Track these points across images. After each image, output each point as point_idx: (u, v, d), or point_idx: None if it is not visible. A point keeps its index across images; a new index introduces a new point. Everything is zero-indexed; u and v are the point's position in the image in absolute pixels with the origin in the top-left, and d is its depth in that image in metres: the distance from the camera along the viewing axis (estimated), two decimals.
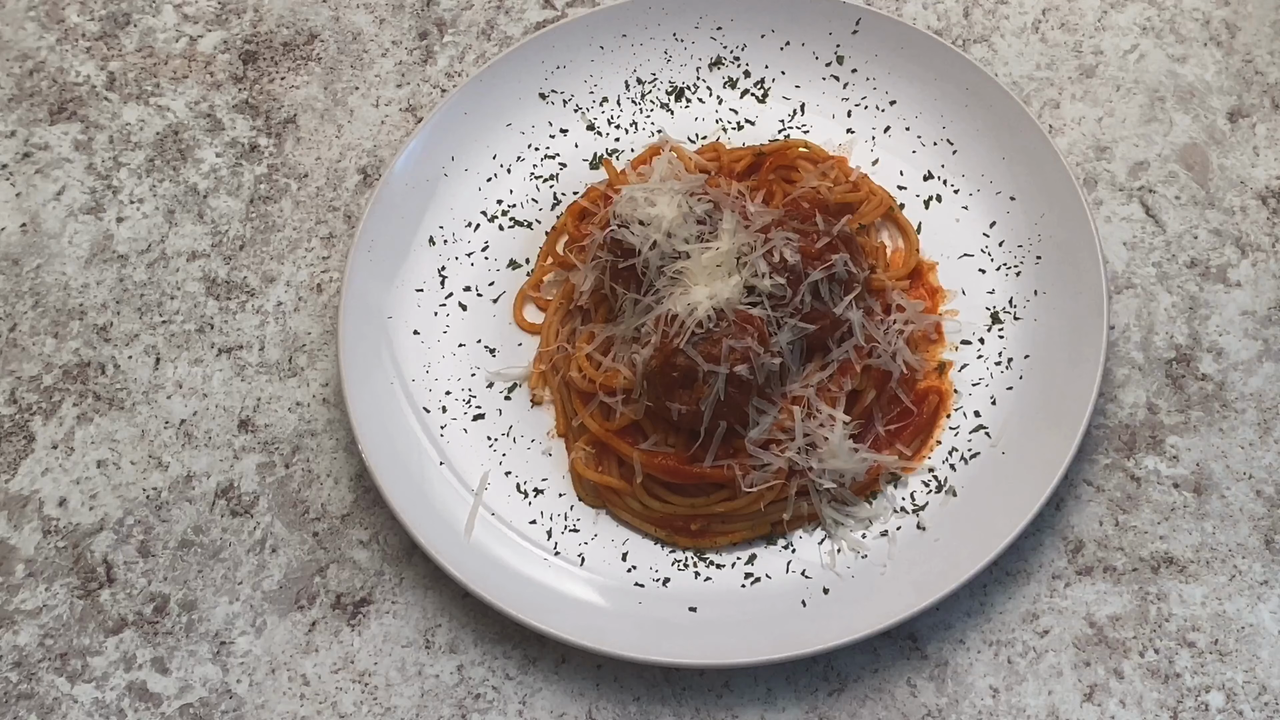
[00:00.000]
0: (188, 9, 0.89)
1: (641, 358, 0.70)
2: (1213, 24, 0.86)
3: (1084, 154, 0.82)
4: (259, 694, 0.70)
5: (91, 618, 0.72)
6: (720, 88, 0.82)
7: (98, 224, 0.82)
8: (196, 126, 0.85)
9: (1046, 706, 0.68)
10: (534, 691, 0.70)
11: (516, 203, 0.80)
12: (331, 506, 0.74)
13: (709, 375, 0.68)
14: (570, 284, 0.76)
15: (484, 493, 0.72)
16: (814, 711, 0.69)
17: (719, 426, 0.70)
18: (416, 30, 0.88)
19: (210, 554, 0.73)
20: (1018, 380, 0.73)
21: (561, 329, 0.76)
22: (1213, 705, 0.68)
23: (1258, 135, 0.82)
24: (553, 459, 0.74)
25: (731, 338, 0.68)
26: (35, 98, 0.86)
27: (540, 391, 0.76)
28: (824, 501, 0.71)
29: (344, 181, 0.83)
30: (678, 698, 0.69)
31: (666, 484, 0.72)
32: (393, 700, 0.70)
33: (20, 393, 0.78)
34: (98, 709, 0.70)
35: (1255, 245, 0.79)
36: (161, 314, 0.79)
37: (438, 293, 0.77)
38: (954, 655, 0.70)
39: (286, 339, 0.79)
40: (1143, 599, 0.70)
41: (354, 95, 0.86)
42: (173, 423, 0.77)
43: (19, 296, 0.80)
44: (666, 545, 0.72)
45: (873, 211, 0.78)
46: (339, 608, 0.72)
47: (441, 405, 0.75)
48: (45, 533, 0.74)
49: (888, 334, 0.73)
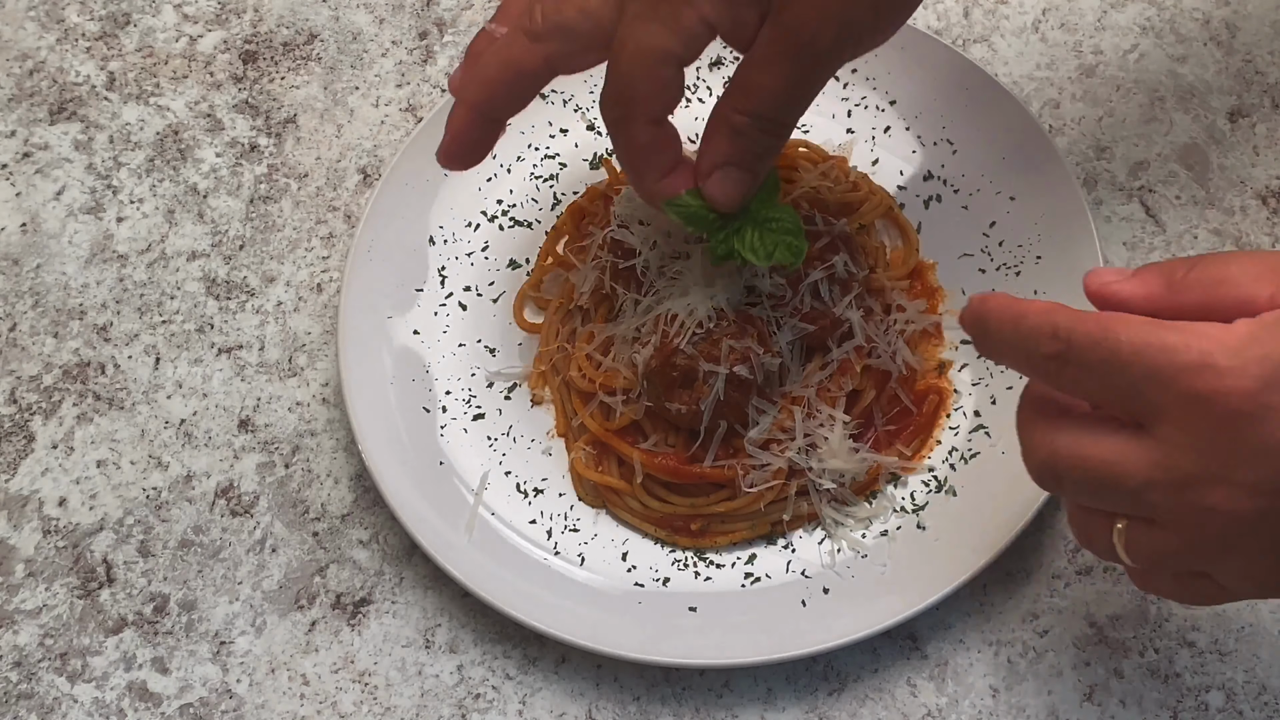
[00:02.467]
0: (188, 9, 0.89)
1: (641, 358, 0.70)
2: (1213, 24, 0.86)
3: (1084, 154, 0.82)
4: (259, 694, 0.70)
5: (91, 618, 0.72)
6: (720, 88, 0.82)
7: (98, 224, 0.82)
8: (196, 126, 0.85)
9: (1046, 706, 0.68)
10: (534, 691, 0.70)
11: (516, 203, 0.80)
12: (331, 506, 0.74)
13: (709, 375, 0.68)
14: (570, 284, 0.76)
15: (484, 493, 0.72)
16: (814, 711, 0.69)
17: (719, 426, 0.70)
18: (416, 30, 0.88)
19: (210, 554, 0.73)
20: (1018, 380, 0.73)
21: (561, 329, 0.76)
22: (1212, 705, 0.68)
23: (1258, 135, 0.82)
24: (553, 459, 0.74)
25: (731, 338, 0.68)
26: (35, 98, 0.86)
27: (540, 391, 0.76)
28: (824, 501, 0.71)
29: (344, 181, 0.83)
30: (678, 698, 0.69)
31: (666, 484, 0.72)
32: (393, 700, 0.70)
33: (20, 393, 0.78)
34: (98, 709, 0.70)
35: (1255, 245, 0.79)
36: (161, 314, 0.80)
37: (438, 293, 0.78)
38: (954, 655, 0.70)
39: (286, 339, 0.79)
40: (1143, 599, 0.70)
41: (354, 95, 0.86)
42: (173, 423, 0.77)
43: (19, 296, 0.80)
44: (666, 545, 0.72)
45: (873, 211, 0.78)
46: (339, 608, 0.72)
47: (441, 405, 0.75)
48: (45, 533, 0.74)
49: (887, 334, 0.73)
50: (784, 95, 0.62)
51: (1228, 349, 0.50)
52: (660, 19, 0.60)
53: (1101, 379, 0.52)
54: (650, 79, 0.62)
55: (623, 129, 0.63)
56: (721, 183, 0.64)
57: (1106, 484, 0.54)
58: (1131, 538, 0.55)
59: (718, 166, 0.64)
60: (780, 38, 0.61)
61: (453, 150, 0.67)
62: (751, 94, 0.62)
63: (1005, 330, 0.55)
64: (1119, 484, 0.53)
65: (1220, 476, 0.51)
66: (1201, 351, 0.50)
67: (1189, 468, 0.51)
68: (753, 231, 0.65)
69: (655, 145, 0.64)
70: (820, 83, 0.63)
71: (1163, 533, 0.54)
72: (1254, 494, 0.51)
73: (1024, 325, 0.54)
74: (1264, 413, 0.50)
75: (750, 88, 0.62)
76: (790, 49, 0.61)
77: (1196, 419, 0.51)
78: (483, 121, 0.66)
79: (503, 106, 0.66)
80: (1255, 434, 0.50)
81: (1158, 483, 0.52)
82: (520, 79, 0.65)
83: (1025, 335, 0.54)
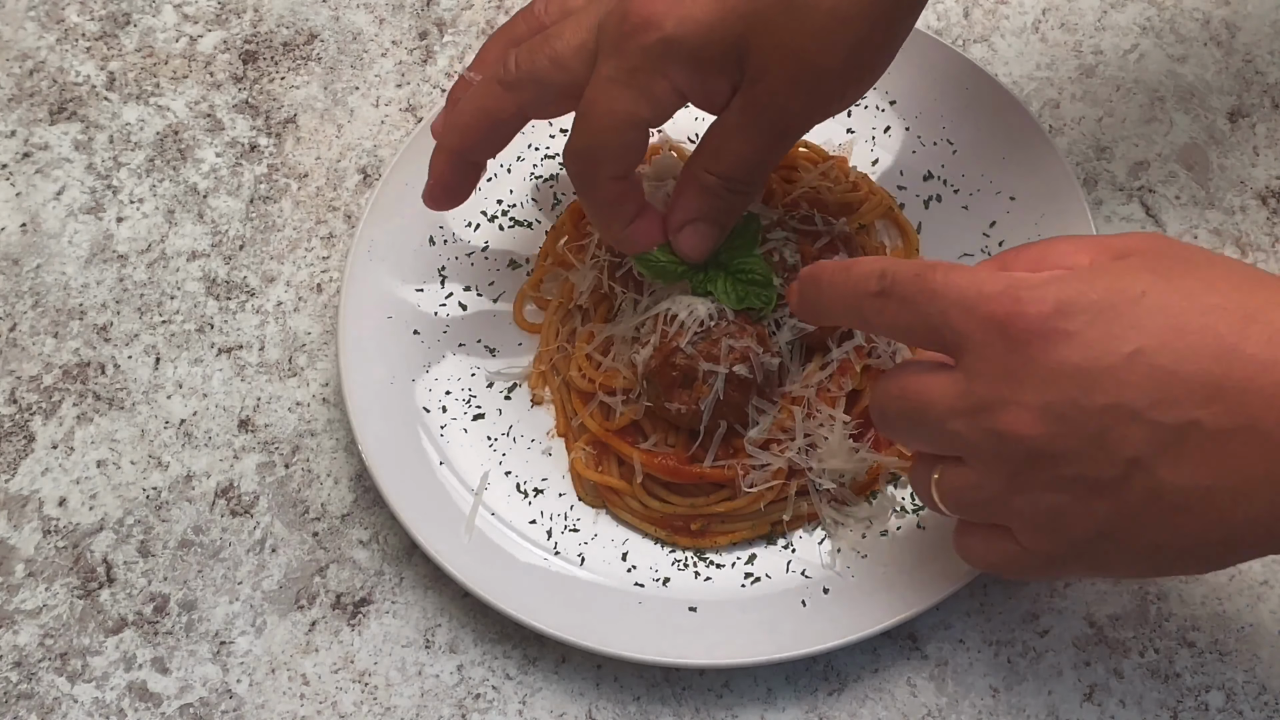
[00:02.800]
0: (188, 9, 0.89)
1: (641, 358, 0.70)
2: (1213, 24, 0.86)
3: (1084, 154, 0.82)
4: (259, 694, 0.70)
5: (91, 618, 0.72)
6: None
7: (98, 224, 0.82)
8: (196, 126, 0.85)
9: (1046, 706, 0.68)
10: (534, 691, 0.70)
11: (516, 203, 0.80)
12: (331, 506, 0.74)
13: (709, 375, 0.68)
14: (570, 283, 0.76)
15: (484, 493, 0.72)
16: (814, 711, 0.69)
17: (719, 426, 0.70)
18: (416, 30, 0.88)
19: (210, 554, 0.73)
20: None
21: (561, 329, 0.76)
22: (1212, 705, 0.68)
23: (1258, 135, 0.82)
24: (553, 459, 0.74)
25: (731, 337, 0.68)
26: (35, 98, 0.86)
27: (540, 391, 0.76)
28: (824, 501, 0.71)
29: (344, 181, 0.83)
30: (678, 698, 0.69)
31: (666, 484, 0.72)
32: (393, 700, 0.70)
33: (20, 393, 0.78)
34: (98, 709, 0.70)
35: (1255, 245, 0.79)
36: (161, 314, 0.80)
37: (438, 293, 0.78)
38: (954, 655, 0.70)
39: (286, 339, 0.79)
40: (1143, 599, 0.70)
41: (354, 95, 0.86)
42: (173, 423, 0.77)
43: (19, 296, 0.80)
44: (666, 545, 0.72)
45: (873, 211, 0.78)
46: (339, 608, 0.72)
47: (441, 405, 0.75)
48: (45, 533, 0.74)
49: None
50: (754, 161, 0.66)
51: (1030, 284, 0.54)
52: (632, 85, 0.63)
53: (915, 310, 0.56)
54: (617, 142, 0.65)
55: (587, 183, 0.66)
56: (691, 237, 0.68)
57: (916, 415, 0.57)
58: (943, 479, 0.58)
59: (688, 222, 0.67)
60: (751, 108, 0.64)
61: (436, 193, 0.72)
62: (723, 158, 0.65)
63: (837, 280, 0.60)
64: (926, 413, 0.56)
65: (1010, 399, 0.53)
66: (1006, 282, 0.54)
67: (984, 393, 0.54)
68: (725, 279, 0.69)
69: (619, 198, 0.67)
70: (788, 147, 0.68)
71: (966, 470, 0.57)
72: (1041, 416, 0.53)
73: (854, 271, 0.59)
74: (1056, 336, 0.52)
75: (722, 152, 0.65)
76: (762, 120, 0.64)
77: (993, 342, 0.54)
78: (462, 165, 0.70)
79: (479, 151, 0.70)
80: (1046, 356, 0.53)
81: (959, 411, 0.55)
82: (494, 127, 0.68)
83: (855, 279, 0.59)
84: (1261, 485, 0.52)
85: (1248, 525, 0.53)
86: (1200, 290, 0.53)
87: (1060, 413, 0.53)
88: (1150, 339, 0.52)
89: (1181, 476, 0.52)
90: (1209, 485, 0.52)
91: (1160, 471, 0.52)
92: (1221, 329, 0.52)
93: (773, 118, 0.64)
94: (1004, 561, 0.59)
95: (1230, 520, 0.53)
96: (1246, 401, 0.51)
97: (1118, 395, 0.52)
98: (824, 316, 0.63)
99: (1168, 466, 0.52)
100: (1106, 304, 0.52)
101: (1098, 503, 0.54)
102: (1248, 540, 0.54)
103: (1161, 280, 0.53)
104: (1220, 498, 0.52)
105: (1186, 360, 0.52)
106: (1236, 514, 0.53)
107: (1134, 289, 0.53)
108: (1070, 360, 0.52)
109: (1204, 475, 0.52)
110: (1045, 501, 0.55)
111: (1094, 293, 0.53)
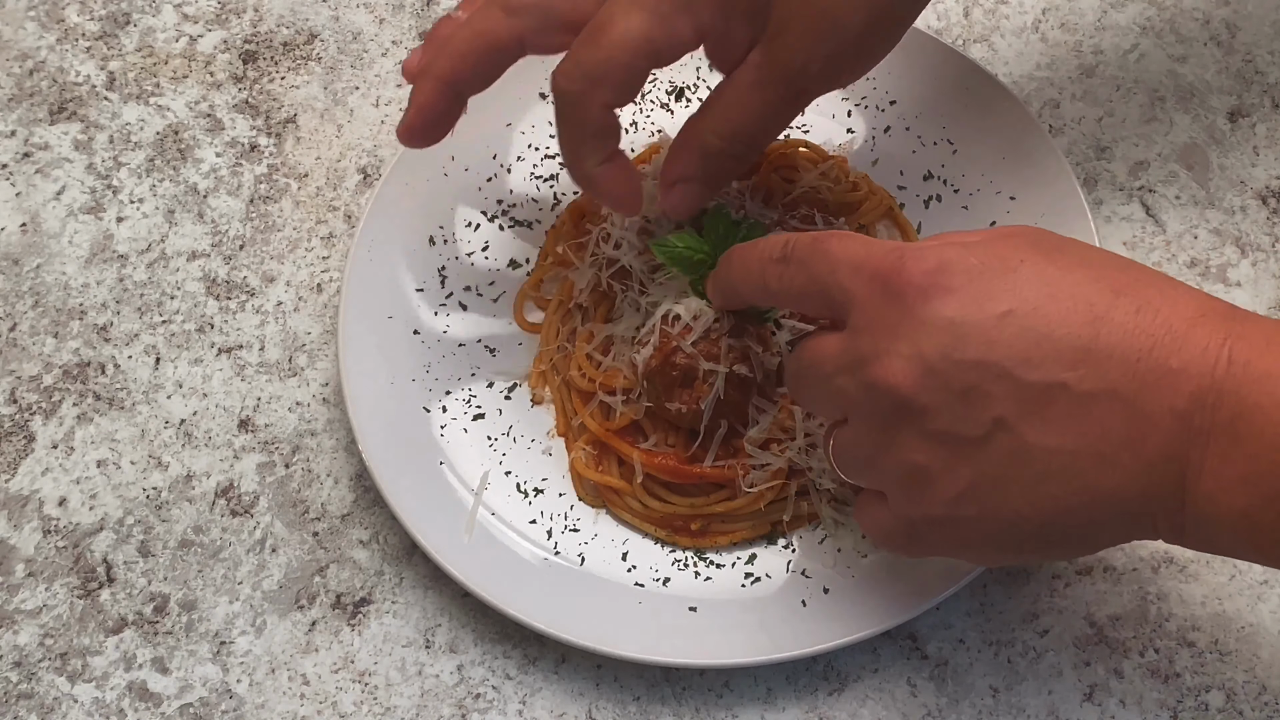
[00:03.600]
0: (188, 9, 0.89)
1: (641, 357, 0.70)
2: (1213, 24, 0.86)
3: (1084, 154, 0.82)
4: (259, 694, 0.70)
5: (91, 618, 0.72)
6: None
7: (98, 224, 0.82)
8: (196, 126, 0.85)
9: (1046, 706, 0.68)
10: (534, 691, 0.70)
11: (516, 203, 0.80)
12: (331, 506, 0.74)
13: (709, 374, 0.68)
14: (569, 282, 0.76)
15: (484, 492, 0.72)
16: (814, 711, 0.69)
17: (719, 426, 0.70)
18: (416, 30, 0.88)
19: (210, 554, 0.73)
20: None
21: (562, 328, 0.76)
22: (1212, 705, 0.68)
23: (1258, 135, 0.82)
24: (553, 459, 0.74)
25: (731, 336, 0.68)
26: (35, 98, 0.86)
27: (540, 391, 0.76)
28: (824, 501, 0.71)
29: (344, 181, 0.83)
30: (678, 698, 0.69)
31: (666, 484, 0.72)
32: (393, 700, 0.70)
33: (20, 393, 0.78)
34: (98, 709, 0.70)
35: (1255, 245, 0.79)
36: (161, 314, 0.80)
37: (438, 293, 0.78)
38: (954, 655, 0.70)
39: (286, 339, 0.79)
40: (1143, 599, 0.70)
41: (354, 95, 0.86)
42: (173, 423, 0.77)
43: (19, 296, 0.80)
44: (666, 545, 0.72)
45: (873, 211, 0.78)
46: (339, 608, 0.72)
47: (441, 405, 0.75)
48: (45, 533, 0.74)
49: None
50: (765, 118, 0.65)
51: (916, 247, 0.57)
52: (656, 12, 0.62)
53: (809, 272, 0.59)
54: (625, 66, 0.63)
55: (578, 106, 0.64)
56: (683, 195, 0.67)
57: (810, 375, 0.60)
58: (835, 440, 0.60)
59: (681, 180, 0.67)
60: (770, 63, 0.63)
61: (415, 125, 0.67)
62: (734, 114, 0.65)
63: (747, 254, 0.63)
64: (817, 372, 0.59)
65: (885, 349, 0.55)
66: (894, 247, 0.57)
67: (863, 346, 0.56)
68: None
69: (602, 131, 0.65)
70: (798, 110, 0.67)
71: (851, 429, 0.59)
72: (911, 364, 0.55)
73: (761, 245, 0.62)
74: (933, 290, 0.55)
75: (733, 108, 0.65)
76: (779, 75, 0.64)
77: (875, 297, 0.56)
78: (450, 95, 0.66)
79: (470, 80, 0.66)
80: (922, 308, 0.55)
81: (842, 367, 0.57)
82: (491, 52, 0.65)
83: (761, 249, 0.61)
84: (1122, 450, 0.53)
85: (1110, 497, 0.54)
86: (1075, 265, 0.55)
87: (930, 365, 0.54)
88: (1023, 303, 0.54)
89: (1046, 437, 0.54)
90: (1072, 448, 0.53)
91: (1024, 432, 0.54)
92: (1093, 298, 0.54)
93: (790, 76, 0.64)
94: (877, 529, 0.61)
95: (1093, 488, 0.54)
96: (1111, 367, 0.53)
97: (987, 352, 0.54)
98: (735, 293, 0.65)
99: (1032, 427, 0.54)
100: (986, 267, 0.55)
101: (961, 465, 0.55)
102: (1108, 514, 0.55)
103: (1040, 255, 0.56)
104: (1083, 462, 0.54)
105: (1057, 324, 0.54)
106: (1099, 481, 0.54)
107: (1014, 258, 0.55)
108: (944, 313, 0.54)
109: (1068, 438, 0.53)
110: (911, 460, 0.56)
111: (974, 258, 0.55)
